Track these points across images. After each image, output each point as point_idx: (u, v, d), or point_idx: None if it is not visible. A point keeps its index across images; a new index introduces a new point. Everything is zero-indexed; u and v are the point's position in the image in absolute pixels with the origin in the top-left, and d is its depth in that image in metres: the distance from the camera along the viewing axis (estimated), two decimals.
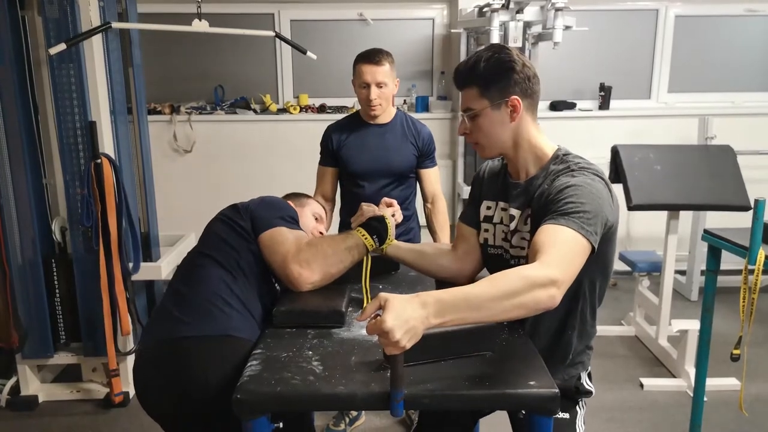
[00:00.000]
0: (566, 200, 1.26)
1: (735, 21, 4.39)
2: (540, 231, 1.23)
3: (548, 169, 1.40)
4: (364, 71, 2.27)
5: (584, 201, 1.25)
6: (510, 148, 1.44)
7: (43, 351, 2.76)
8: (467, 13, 3.88)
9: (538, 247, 1.19)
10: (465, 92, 1.42)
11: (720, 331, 2.90)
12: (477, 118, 1.40)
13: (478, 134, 1.42)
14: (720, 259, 2.33)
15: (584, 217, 1.22)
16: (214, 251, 1.56)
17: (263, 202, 1.67)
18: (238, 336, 1.41)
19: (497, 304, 1.07)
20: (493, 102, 1.38)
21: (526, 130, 1.41)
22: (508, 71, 1.36)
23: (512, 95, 1.37)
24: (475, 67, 1.37)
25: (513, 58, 1.37)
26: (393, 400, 1.08)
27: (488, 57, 1.37)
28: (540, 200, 1.35)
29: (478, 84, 1.38)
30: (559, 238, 1.19)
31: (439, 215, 2.52)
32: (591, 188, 1.28)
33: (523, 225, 1.42)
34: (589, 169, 1.34)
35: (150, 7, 3.89)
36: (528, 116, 1.41)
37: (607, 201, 1.30)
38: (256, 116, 4.25)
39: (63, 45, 2.41)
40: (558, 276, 1.11)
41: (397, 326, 1.00)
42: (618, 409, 2.74)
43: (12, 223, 2.61)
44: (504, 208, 1.50)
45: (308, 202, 1.95)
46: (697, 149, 3.35)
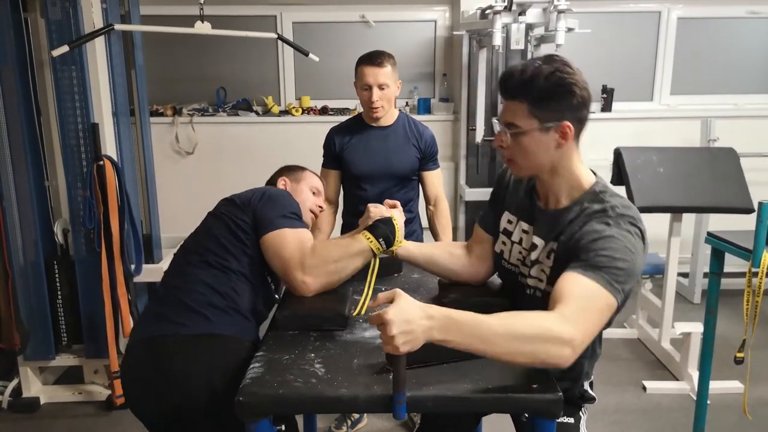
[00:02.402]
0: (599, 252, 1.16)
1: (737, 23, 4.38)
2: (566, 278, 1.15)
3: (582, 205, 1.28)
4: (366, 73, 2.26)
5: (619, 256, 1.15)
6: (546, 173, 1.32)
7: (45, 353, 2.76)
8: (469, 15, 3.88)
9: (562, 297, 1.11)
10: (512, 104, 1.26)
11: (723, 334, 2.89)
12: (519, 137, 1.26)
13: (517, 153, 1.29)
14: (723, 262, 2.33)
15: (616, 274, 1.14)
16: (207, 252, 1.52)
17: (266, 198, 1.59)
18: (222, 334, 1.41)
19: (506, 343, 1.04)
20: (542, 124, 1.24)
21: (568, 157, 1.29)
22: (568, 94, 1.22)
23: (565, 121, 1.24)
24: (533, 82, 1.22)
25: (575, 79, 1.22)
26: (395, 403, 1.07)
27: (549, 73, 1.21)
28: (569, 242, 1.24)
29: (531, 101, 1.23)
30: (586, 292, 1.12)
31: (442, 217, 2.51)
32: (627, 242, 1.18)
33: (546, 258, 1.33)
34: (626, 217, 1.22)
35: (152, 9, 3.90)
36: (573, 143, 1.29)
37: (641, 256, 1.20)
38: (258, 118, 4.25)
39: (66, 47, 2.41)
40: (577, 337, 1.06)
41: (397, 323, 1.00)
42: (621, 412, 2.73)
43: (14, 224, 2.61)
44: (526, 231, 1.41)
45: (304, 176, 1.89)
46: (700, 151, 3.34)
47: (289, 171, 1.91)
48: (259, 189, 1.64)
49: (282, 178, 1.88)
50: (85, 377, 2.93)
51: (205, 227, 1.60)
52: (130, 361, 1.48)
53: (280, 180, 1.87)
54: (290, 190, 1.80)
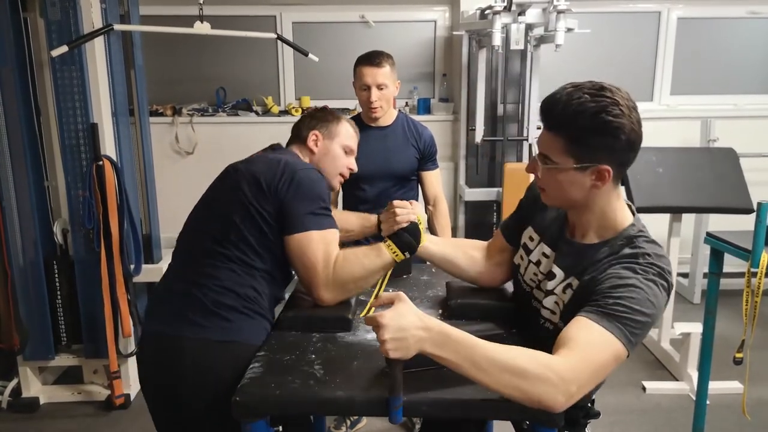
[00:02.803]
0: (619, 300, 1.08)
1: (737, 23, 4.38)
2: (577, 323, 1.08)
3: (612, 247, 1.20)
4: (365, 73, 2.26)
5: (638, 308, 1.08)
6: (577, 208, 1.24)
7: (44, 353, 2.76)
8: (469, 15, 3.88)
9: (569, 341, 1.05)
10: (549, 136, 1.18)
11: (723, 334, 2.89)
12: (554, 171, 1.19)
13: (549, 185, 1.22)
14: (722, 262, 2.33)
15: (632, 326, 1.07)
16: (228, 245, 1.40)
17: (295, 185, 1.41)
18: (242, 342, 1.36)
19: (499, 373, 1.00)
20: (579, 163, 1.15)
21: (605, 197, 1.20)
22: (611, 136, 1.12)
23: (604, 164, 1.14)
24: (575, 119, 1.12)
25: (622, 122, 1.12)
26: (391, 407, 1.07)
27: (594, 113, 1.11)
28: (590, 283, 1.17)
29: (569, 139, 1.14)
30: (596, 342, 1.05)
31: (441, 217, 2.51)
32: (650, 295, 1.10)
33: (562, 292, 1.25)
34: (656, 267, 1.14)
35: (152, 9, 3.89)
36: (613, 184, 1.19)
37: (662, 311, 1.14)
38: (258, 118, 4.25)
39: (65, 47, 2.41)
40: (573, 388, 1.01)
41: (391, 328, 1.00)
42: (620, 412, 2.73)
43: (14, 224, 2.62)
44: (546, 254, 1.34)
45: (339, 131, 1.66)
46: (700, 152, 3.34)
47: (324, 122, 1.66)
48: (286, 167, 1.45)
49: (314, 132, 1.64)
50: (85, 377, 2.93)
51: (222, 205, 1.45)
52: (147, 349, 1.45)
53: (311, 135, 1.64)
54: (321, 147, 1.64)
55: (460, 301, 1.52)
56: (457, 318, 1.49)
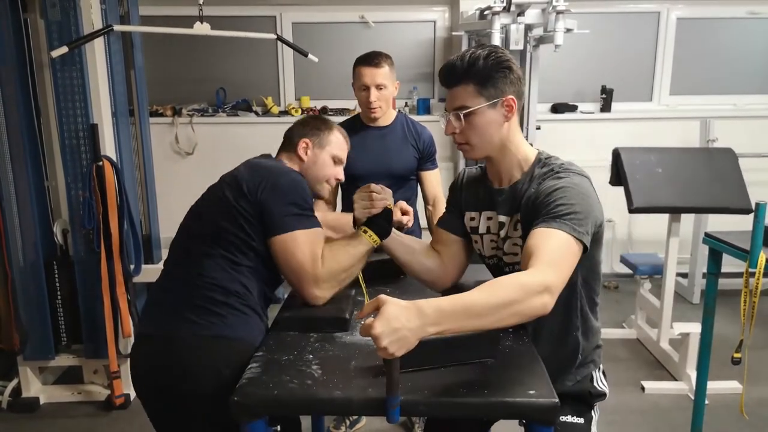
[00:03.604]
0: (556, 202, 1.26)
1: (737, 23, 4.38)
2: (532, 235, 1.23)
3: (533, 173, 1.39)
4: (363, 74, 2.27)
5: (574, 202, 1.25)
6: (498, 151, 1.42)
7: (45, 353, 2.77)
8: (468, 15, 3.89)
9: (530, 252, 1.19)
10: (458, 89, 1.37)
11: (721, 334, 2.89)
12: (471, 117, 1.37)
13: (471, 133, 1.39)
14: (721, 262, 2.33)
15: (575, 219, 1.23)
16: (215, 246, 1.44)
17: (277, 188, 1.45)
18: (234, 337, 1.39)
19: (495, 312, 1.08)
20: (490, 100, 1.35)
21: (513, 133, 1.41)
22: (506, 70, 1.35)
23: (509, 95, 1.36)
24: (474, 64, 1.34)
25: (509, 57, 1.37)
26: (388, 407, 1.07)
27: (486, 55, 1.34)
28: (528, 204, 1.35)
29: (476, 81, 1.35)
30: (552, 241, 1.20)
31: None
32: (579, 189, 1.29)
33: (514, 231, 1.42)
34: (572, 170, 1.35)
35: (152, 9, 3.90)
36: (515, 119, 1.40)
37: (595, 200, 1.31)
38: (258, 118, 4.25)
39: (65, 48, 2.42)
40: (551, 281, 1.12)
41: (385, 334, 1.00)
42: (619, 412, 2.73)
43: (14, 225, 2.62)
44: (490, 217, 1.49)
45: (330, 140, 1.68)
46: (699, 152, 3.34)
47: (315, 129, 1.67)
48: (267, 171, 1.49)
49: (305, 139, 1.65)
50: (85, 377, 2.93)
51: (209, 211, 1.50)
52: (141, 350, 1.46)
53: (302, 142, 1.65)
54: (310, 156, 1.65)
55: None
56: None
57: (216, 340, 1.38)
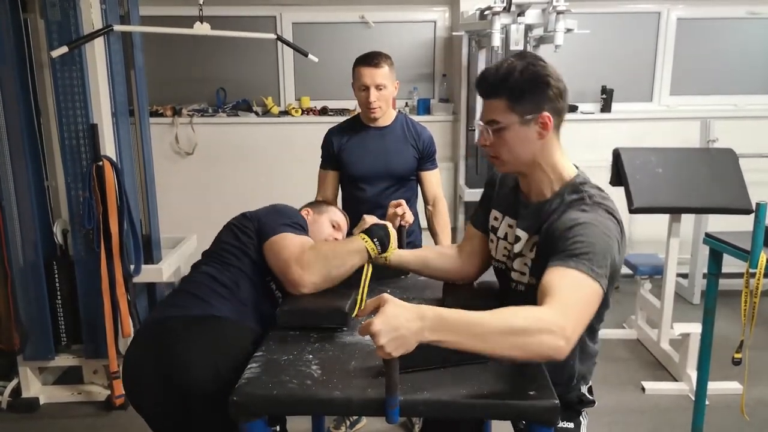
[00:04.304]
0: (575, 239, 1.18)
1: (737, 24, 4.38)
2: (549, 273, 1.16)
3: (562, 197, 1.32)
4: (363, 74, 2.27)
5: (594, 241, 1.17)
6: (529, 166, 1.34)
7: (44, 353, 2.77)
8: (469, 15, 3.88)
9: (548, 290, 1.11)
10: (491, 102, 1.30)
11: (722, 334, 2.89)
12: (502, 132, 1.29)
13: (501, 149, 1.32)
14: (722, 263, 2.33)
15: (594, 259, 1.15)
16: (213, 254, 1.64)
17: (272, 209, 1.70)
18: (222, 316, 1.47)
19: (500, 338, 1.03)
20: (522, 117, 1.27)
21: (549, 150, 1.33)
22: (543, 85, 1.27)
23: (544, 112, 1.28)
24: (508, 78, 1.26)
25: (548, 72, 1.28)
26: (388, 407, 1.07)
27: (523, 68, 1.26)
28: (549, 233, 1.27)
29: (509, 96, 1.27)
30: (570, 283, 1.12)
31: (441, 217, 2.51)
32: (602, 227, 1.21)
33: (529, 251, 1.36)
34: (602, 205, 1.27)
35: (152, 9, 3.90)
36: (554, 135, 1.32)
37: (616, 240, 1.23)
38: (258, 119, 4.25)
39: (65, 48, 2.42)
40: (568, 327, 1.05)
41: (384, 332, 0.99)
42: (620, 412, 2.73)
43: (14, 224, 2.62)
44: (510, 225, 1.45)
45: (327, 210, 1.95)
46: (699, 152, 3.34)
47: (315, 204, 2.02)
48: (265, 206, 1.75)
49: (306, 208, 1.95)
50: (85, 377, 2.93)
51: (217, 238, 1.71)
52: (134, 347, 1.52)
53: (303, 210, 1.91)
54: (311, 220, 1.85)
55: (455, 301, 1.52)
56: None
57: (203, 318, 1.46)
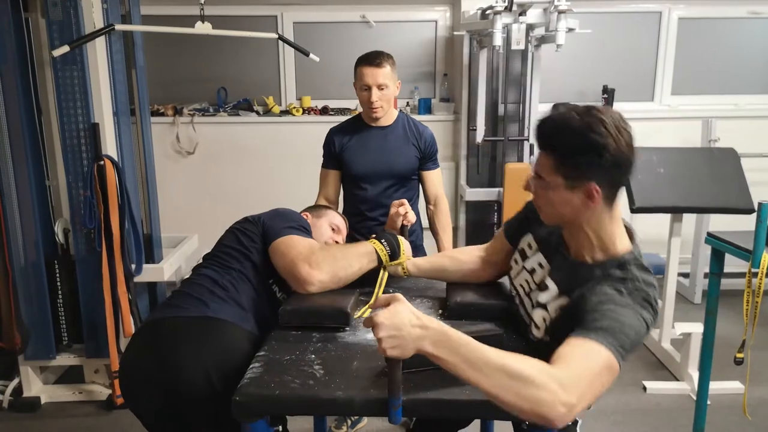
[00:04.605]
0: (606, 314, 1.09)
1: (738, 23, 4.37)
2: (569, 341, 1.07)
3: (605, 270, 1.19)
4: (365, 73, 2.26)
5: (627, 322, 1.09)
6: (570, 225, 1.25)
7: (46, 352, 2.77)
8: (470, 15, 3.88)
9: (564, 357, 1.04)
10: (542, 155, 1.21)
11: (723, 334, 2.89)
12: (546, 189, 1.21)
13: (544, 204, 1.25)
14: (723, 263, 2.33)
15: (623, 340, 1.06)
16: (214, 257, 1.64)
17: (276, 213, 1.71)
18: (219, 318, 1.46)
19: (497, 375, 0.98)
20: (567, 181, 1.17)
21: (597, 218, 1.20)
22: (597, 155, 1.12)
23: (592, 182, 1.15)
24: (561, 136, 1.16)
25: (606, 141, 1.12)
26: (390, 407, 1.07)
27: (579, 129, 1.13)
28: (580, 302, 1.16)
29: (557, 155, 1.17)
30: (590, 354, 1.04)
31: (442, 217, 2.51)
32: (635, 316, 1.11)
33: (554, 310, 1.25)
34: (643, 292, 1.15)
35: (153, 9, 3.90)
36: (605, 205, 1.19)
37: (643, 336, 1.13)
38: (259, 118, 4.25)
39: (66, 47, 2.42)
40: (573, 400, 0.98)
41: (386, 327, 1.00)
42: (621, 412, 2.73)
43: (15, 224, 2.62)
44: (541, 264, 1.36)
45: (326, 213, 1.98)
46: (701, 152, 3.33)
47: (313, 208, 2.04)
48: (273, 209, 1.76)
49: (305, 213, 1.96)
50: (86, 377, 2.93)
51: (218, 242, 1.71)
52: (129, 349, 1.52)
53: (303, 214, 1.92)
54: (311, 223, 1.85)
55: (459, 301, 1.52)
56: (457, 318, 1.49)
57: (198, 319, 1.45)
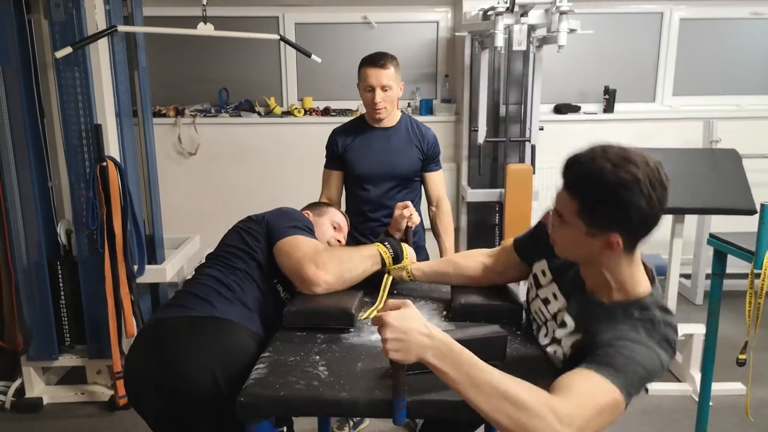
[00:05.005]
0: (619, 351, 1.06)
1: (740, 24, 4.37)
2: (577, 372, 1.05)
3: (625, 312, 1.15)
4: (369, 74, 2.27)
5: (638, 361, 1.06)
6: (586, 266, 1.23)
7: (48, 353, 2.77)
8: (471, 16, 3.88)
9: (568, 388, 1.02)
10: (566, 194, 1.15)
11: (726, 335, 2.88)
12: (565, 228, 1.17)
13: (559, 237, 1.22)
14: (725, 264, 2.33)
15: (631, 377, 1.04)
16: (219, 257, 1.64)
17: (280, 212, 1.71)
18: (224, 318, 1.46)
19: (495, 397, 0.98)
20: (588, 227, 1.13)
21: (615, 264, 1.17)
22: (624, 214, 1.09)
23: (615, 233, 1.11)
24: (590, 184, 1.10)
25: (638, 202, 1.07)
26: (395, 408, 1.07)
27: (610, 184, 1.07)
28: (594, 338, 1.14)
29: (582, 202, 1.12)
30: (596, 388, 1.02)
31: (444, 218, 2.52)
32: (651, 355, 1.08)
33: (568, 346, 1.23)
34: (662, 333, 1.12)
35: (155, 10, 3.90)
36: (625, 253, 1.16)
37: (658, 373, 1.10)
38: (261, 119, 4.25)
39: (69, 48, 2.42)
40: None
41: (394, 327, 1.01)
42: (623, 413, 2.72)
43: (17, 225, 2.62)
44: (556, 296, 1.33)
45: (327, 211, 1.98)
46: (702, 153, 3.33)
47: (314, 206, 2.03)
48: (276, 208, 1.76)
49: (306, 211, 1.96)
50: (88, 377, 2.93)
51: (222, 241, 1.71)
52: (133, 349, 1.52)
53: (303, 212, 1.92)
54: (312, 221, 1.85)
55: (464, 302, 1.52)
56: (462, 319, 1.49)
57: (204, 319, 1.45)
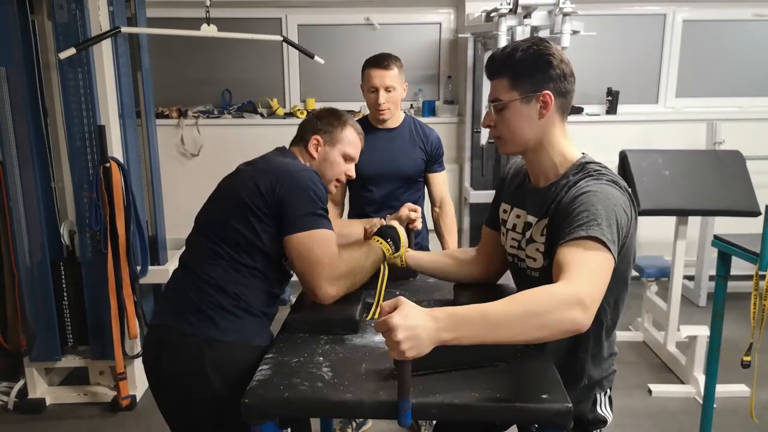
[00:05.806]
0: (579, 210, 1.19)
1: (743, 26, 4.37)
2: (559, 250, 1.16)
3: (568, 178, 1.32)
4: (373, 76, 2.27)
5: (598, 208, 1.18)
6: (532, 148, 1.35)
7: (51, 354, 2.77)
8: (474, 17, 3.88)
9: (560, 266, 1.12)
10: (495, 82, 1.33)
11: (729, 337, 2.87)
12: (504, 111, 1.32)
13: (503, 128, 1.34)
14: (730, 265, 2.32)
15: (602, 227, 1.15)
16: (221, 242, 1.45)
17: (293, 183, 1.44)
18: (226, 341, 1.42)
19: (517, 322, 1.02)
20: (523, 95, 1.29)
21: (552, 131, 1.33)
22: (545, 64, 1.28)
23: (545, 90, 1.29)
24: (510, 57, 1.30)
25: (551, 52, 1.29)
26: (400, 410, 1.07)
27: (526, 48, 1.29)
28: (557, 212, 1.28)
29: (511, 74, 1.30)
30: (580, 252, 1.13)
31: (447, 219, 2.52)
32: (604, 194, 1.21)
33: (540, 236, 1.35)
34: (605, 175, 1.28)
35: (159, 11, 3.91)
36: (557, 117, 1.32)
37: (621, 208, 1.22)
38: (263, 120, 4.26)
39: (73, 49, 2.43)
40: (584, 293, 1.04)
41: (402, 327, 0.99)
42: (626, 415, 2.72)
43: (21, 226, 2.62)
44: (519, 215, 1.45)
45: (342, 138, 1.66)
46: (706, 154, 3.33)
47: (328, 126, 1.66)
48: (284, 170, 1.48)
49: (316, 136, 1.64)
50: (91, 378, 2.93)
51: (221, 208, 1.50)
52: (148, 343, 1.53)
53: (313, 139, 1.64)
54: (321, 153, 1.64)
55: (466, 302, 1.51)
56: None
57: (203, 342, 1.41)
